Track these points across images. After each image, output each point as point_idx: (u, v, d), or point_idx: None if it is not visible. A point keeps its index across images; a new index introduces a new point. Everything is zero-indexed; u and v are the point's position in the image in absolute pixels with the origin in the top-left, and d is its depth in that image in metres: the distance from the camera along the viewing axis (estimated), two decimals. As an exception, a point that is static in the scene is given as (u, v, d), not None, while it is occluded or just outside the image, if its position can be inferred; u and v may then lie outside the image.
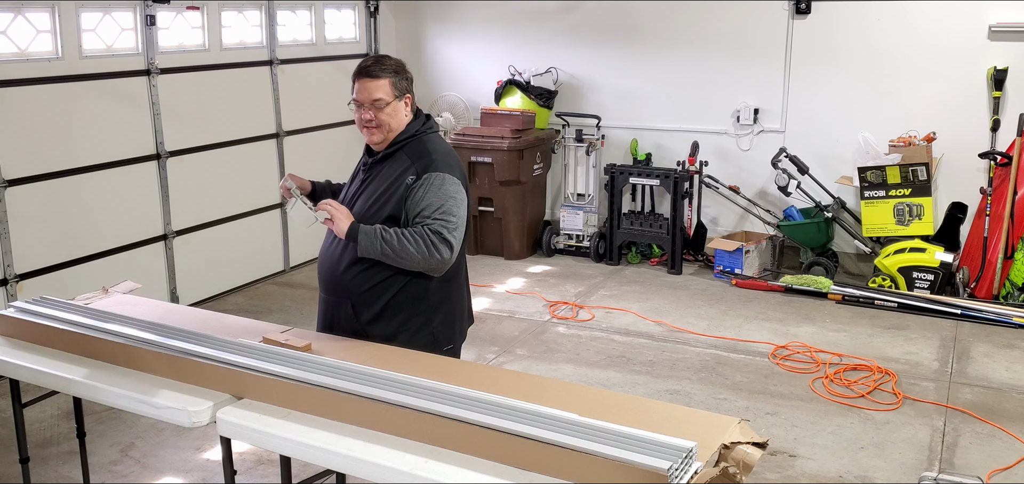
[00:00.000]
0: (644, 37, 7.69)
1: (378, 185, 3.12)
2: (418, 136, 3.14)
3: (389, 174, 3.11)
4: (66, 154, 5.58)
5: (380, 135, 3.11)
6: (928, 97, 6.80)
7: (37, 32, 5.41)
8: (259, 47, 7.00)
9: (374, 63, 3.11)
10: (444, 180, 3.03)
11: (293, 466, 2.64)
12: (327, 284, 3.21)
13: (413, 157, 3.09)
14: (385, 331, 3.11)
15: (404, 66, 3.17)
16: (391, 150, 3.13)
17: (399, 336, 3.10)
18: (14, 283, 5.29)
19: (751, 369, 5.34)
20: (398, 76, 3.10)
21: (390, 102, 3.07)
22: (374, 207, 3.09)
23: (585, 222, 7.76)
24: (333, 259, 3.17)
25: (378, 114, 3.07)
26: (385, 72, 3.07)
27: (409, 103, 3.14)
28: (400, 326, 3.11)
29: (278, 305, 6.56)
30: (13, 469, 3.93)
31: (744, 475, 2.26)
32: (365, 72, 3.08)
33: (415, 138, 3.13)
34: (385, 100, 3.06)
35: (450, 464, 2.30)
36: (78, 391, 2.94)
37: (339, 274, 3.13)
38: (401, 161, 3.10)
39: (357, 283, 3.10)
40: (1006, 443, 4.39)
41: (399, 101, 3.10)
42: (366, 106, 3.07)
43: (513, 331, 5.98)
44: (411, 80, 3.18)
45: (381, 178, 3.12)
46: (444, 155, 3.12)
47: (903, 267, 6.43)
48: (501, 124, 7.56)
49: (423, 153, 3.10)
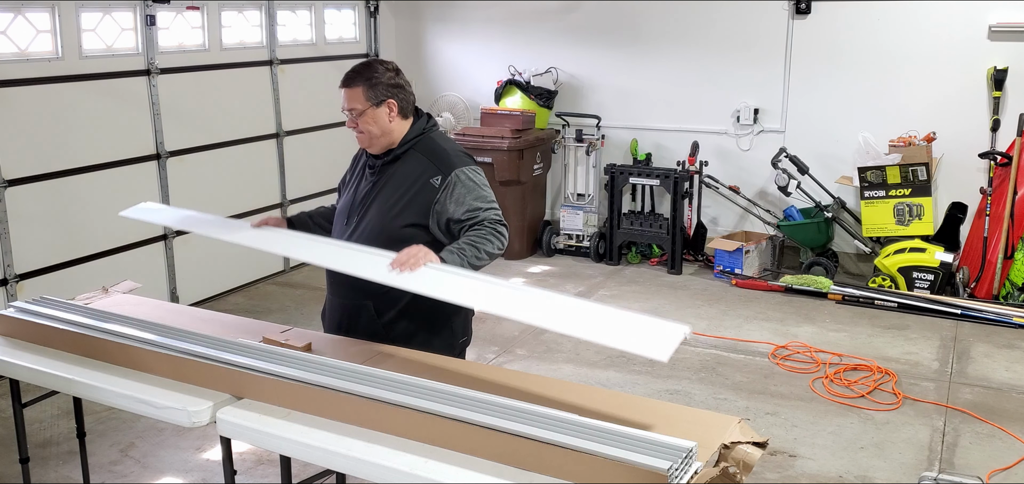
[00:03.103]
0: (644, 37, 7.69)
1: (396, 187, 3.07)
2: (426, 135, 3.13)
3: (407, 175, 3.07)
4: (66, 154, 5.58)
5: (366, 140, 3.09)
6: (928, 97, 6.80)
7: (37, 32, 5.41)
8: (259, 47, 7.01)
9: (350, 72, 3.07)
10: (472, 173, 3.08)
11: (293, 466, 2.64)
12: (344, 288, 3.12)
13: (430, 157, 3.07)
14: (407, 329, 3.09)
15: (387, 71, 3.07)
16: (402, 151, 3.10)
17: (419, 334, 3.09)
18: (14, 283, 5.29)
19: (751, 369, 5.34)
20: (371, 83, 3.02)
21: (365, 110, 3.02)
22: (395, 209, 3.05)
23: (585, 222, 7.76)
24: None
25: (357, 121, 3.04)
26: (357, 80, 3.03)
27: (393, 108, 3.06)
28: (423, 322, 3.09)
29: (278, 305, 6.55)
30: (13, 469, 3.93)
31: (744, 475, 2.26)
32: (343, 80, 3.07)
33: (423, 137, 3.12)
34: (359, 108, 3.02)
35: (450, 464, 2.30)
36: (78, 391, 2.94)
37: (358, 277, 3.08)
38: (417, 162, 3.07)
39: (380, 283, 3.07)
40: (1006, 443, 4.39)
41: (377, 108, 3.03)
42: (348, 114, 3.07)
43: (513, 331, 5.98)
44: (396, 86, 3.07)
45: (398, 180, 3.08)
46: (457, 151, 3.16)
47: (903, 267, 6.43)
48: (501, 124, 7.56)
49: (438, 152, 3.09)
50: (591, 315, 2.73)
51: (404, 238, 3.01)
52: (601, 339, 2.63)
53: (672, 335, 2.49)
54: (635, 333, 2.58)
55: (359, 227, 3.13)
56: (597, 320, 2.70)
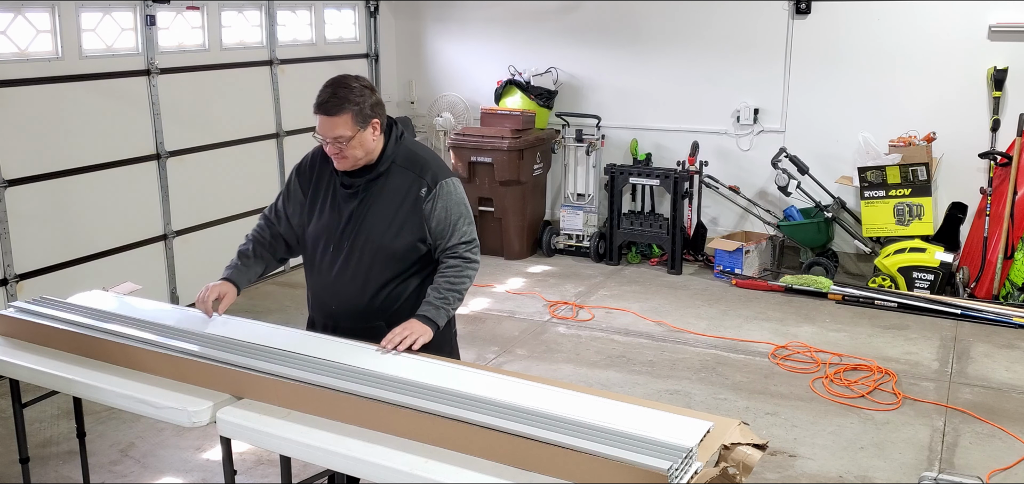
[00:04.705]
0: (644, 37, 7.69)
1: (387, 204, 3.03)
2: (402, 145, 3.07)
3: (396, 191, 3.03)
4: (66, 154, 5.58)
5: (349, 163, 2.98)
6: (928, 97, 6.80)
7: (37, 32, 5.41)
8: (259, 47, 7.01)
9: (330, 98, 2.88)
10: (453, 186, 3.07)
11: (293, 466, 2.64)
12: (353, 314, 3.08)
13: (413, 169, 3.04)
14: None
15: (365, 89, 2.94)
16: (385, 168, 3.03)
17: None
18: (14, 283, 5.29)
19: (751, 369, 5.34)
20: (359, 107, 2.89)
21: (353, 136, 2.90)
22: (392, 227, 3.02)
23: (585, 222, 7.76)
24: (354, 289, 3.05)
25: (343, 148, 2.93)
26: (344, 107, 2.87)
27: (377, 127, 2.97)
28: None
29: (278, 305, 6.55)
30: (13, 469, 3.93)
31: (744, 476, 2.26)
32: (321, 108, 2.88)
33: (400, 148, 3.06)
34: (347, 135, 2.89)
35: (450, 464, 2.30)
36: (78, 391, 2.94)
37: (368, 300, 3.05)
38: (402, 176, 3.03)
39: (391, 300, 3.06)
40: (1006, 443, 4.39)
41: (364, 130, 2.92)
42: (329, 141, 2.92)
43: (513, 331, 5.98)
44: (378, 104, 2.97)
45: (387, 197, 3.03)
46: (435, 158, 3.14)
47: (903, 267, 6.43)
48: (501, 124, 7.56)
49: (420, 162, 3.06)
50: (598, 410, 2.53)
51: (405, 256, 3.05)
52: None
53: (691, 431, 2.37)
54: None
55: (353, 250, 3.04)
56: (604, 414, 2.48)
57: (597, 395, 2.68)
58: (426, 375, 2.70)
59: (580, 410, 2.44)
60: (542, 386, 2.70)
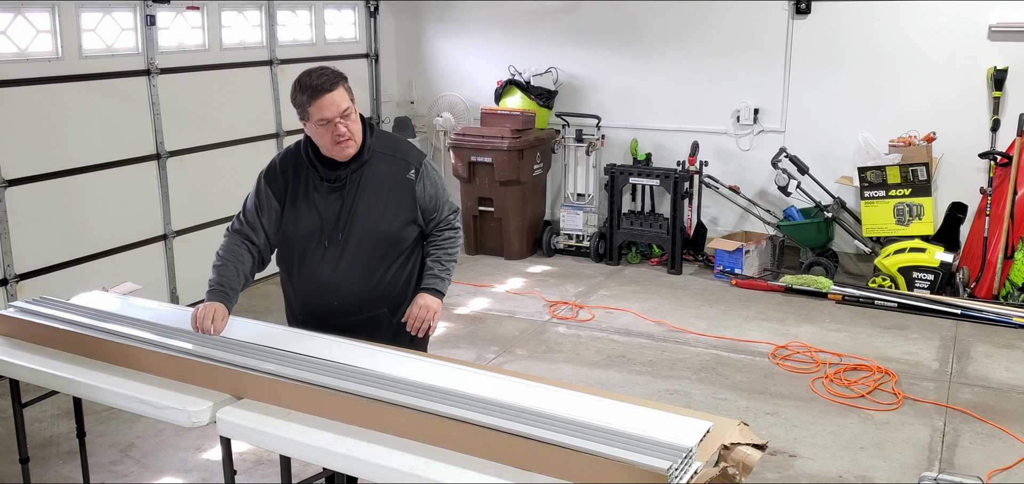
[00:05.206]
0: (644, 37, 7.69)
1: (378, 190, 3.08)
2: (377, 132, 3.17)
3: (383, 176, 3.09)
4: (66, 154, 5.58)
5: (354, 145, 3.03)
6: (928, 97, 6.80)
7: (37, 32, 5.41)
8: (259, 47, 7.01)
9: (323, 76, 2.96)
10: (430, 165, 3.21)
11: (293, 466, 2.64)
12: (357, 305, 3.10)
13: (396, 153, 3.14)
14: None
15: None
16: (369, 156, 3.08)
17: None
18: (14, 283, 5.29)
19: (751, 369, 5.34)
20: (346, 81, 3.03)
21: (353, 107, 3.02)
22: (387, 212, 3.07)
23: (585, 222, 7.76)
24: (356, 279, 3.07)
25: (349, 124, 2.98)
26: (337, 80, 2.97)
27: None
28: None
29: (278, 305, 6.50)
30: (13, 469, 3.93)
31: (744, 476, 2.26)
32: (322, 89, 2.94)
33: (377, 135, 3.15)
34: (350, 107, 3.00)
35: (450, 464, 2.30)
36: (78, 391, 2.94)
37: (372, 287, 3.09)
38: (387, 162, 3.10)
39: (392, 284, 3.13)
40: (1006, 443, 4.39)
41: (353, 105, 3.04)
42: (338, 120, 2.96)
43: (513, 331, 5.98)
44: None
45: (376, 183, 3.08)
46: (407, 142, 3.28)
47: (903, 267, 6.43)
48: (501, 124, 7.56)
49: (400, 146, 3.20)
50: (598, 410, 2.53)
51: (402, 238, 3.13)
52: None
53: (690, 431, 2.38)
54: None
55: (350, 241, 3.05)
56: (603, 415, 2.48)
57: (597, 395, 2.68)
58: (426, 375, 2.70)
59: (580, 410, 2.44)
60: (542, 386, 2.71)
